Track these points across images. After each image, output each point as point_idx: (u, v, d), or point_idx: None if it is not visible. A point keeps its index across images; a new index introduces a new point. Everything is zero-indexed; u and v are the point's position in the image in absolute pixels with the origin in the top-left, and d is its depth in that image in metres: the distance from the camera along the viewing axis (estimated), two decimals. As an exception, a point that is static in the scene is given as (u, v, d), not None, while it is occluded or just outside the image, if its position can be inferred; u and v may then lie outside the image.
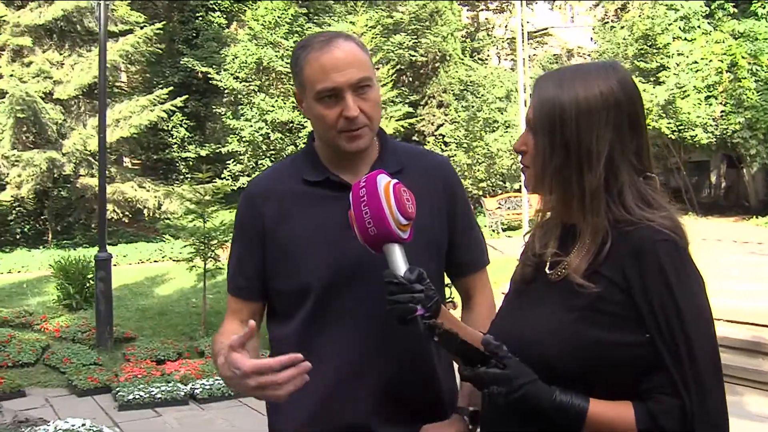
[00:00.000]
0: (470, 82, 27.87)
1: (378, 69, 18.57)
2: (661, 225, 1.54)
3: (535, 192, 1.71)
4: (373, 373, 1.93)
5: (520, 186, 15.53)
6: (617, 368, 1.51)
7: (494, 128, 25.10)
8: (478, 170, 24.86)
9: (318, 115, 1.92)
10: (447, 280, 2.19)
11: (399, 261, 1.70)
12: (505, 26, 35.91)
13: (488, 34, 35.08)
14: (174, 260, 17.57)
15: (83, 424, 5.21)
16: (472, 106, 25.74)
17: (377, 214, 1.67)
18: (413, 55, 28.38)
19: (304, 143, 2.55)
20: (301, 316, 1.98)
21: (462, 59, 29.80)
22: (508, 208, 22.97)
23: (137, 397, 7.54)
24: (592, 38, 30.44)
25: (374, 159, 2.04)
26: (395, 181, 1.74)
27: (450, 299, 4.67)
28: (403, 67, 28.83)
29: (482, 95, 26.21)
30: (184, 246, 11.89)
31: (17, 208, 23.97)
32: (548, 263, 1.66)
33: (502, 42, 35.58)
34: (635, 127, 1.61)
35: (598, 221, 1.58)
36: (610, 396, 1.52)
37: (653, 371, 1.49)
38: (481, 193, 24.72)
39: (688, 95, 21.04)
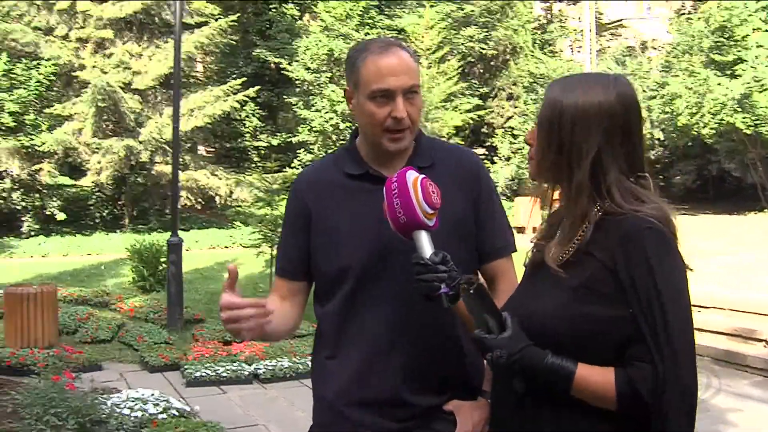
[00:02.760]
0: (540, 74, 27.75)
1: (446, 62, 18.71)
2: (648, 215, 1.75)
3: (534, 179, 1.96)
4: (404, 348, 2.16)
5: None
6: (604, 338, 1.75)
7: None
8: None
9: (368, 113, 2.15)
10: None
11: (425, 245, 1.94)
12: (579, 18, 35.51)
13: (561, 26, 34.79)
14: (243, 246, 18.06)
15: (152, 394, 5.59)
16: (542, 99, 25.64)
17: (406, 204, 1.92)
18: (483, 48, 28.40)
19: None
20: (341, 295, 2.23)
21: (533, 52, 29.68)
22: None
23: (204, 374, 7.88)
24: (667, 30, 29.90)
25: (410, 155, 2.26)
26: (423, 176, 1.98)
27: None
28: (473, 59, 28.87)
29: (552, 89, 26.09)
30: (252, 233, 12.30)
31: (96, 194, 24.83)
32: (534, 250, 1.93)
33: (576, 33, 35.21)
34: (627, 135, 1.83)
35: (579, 212, 1.82)
36: (597, 363, 1.74)
37: (634, 342, 1.71)
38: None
39: (767, 89, 20.57)
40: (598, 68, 28.33)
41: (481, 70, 30.96)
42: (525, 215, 17.21)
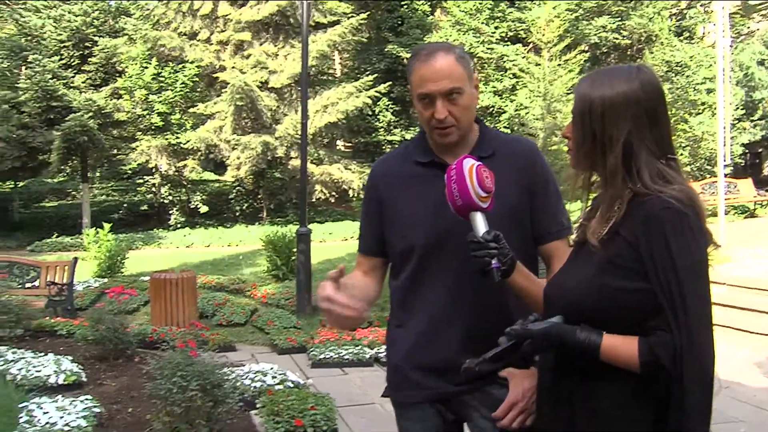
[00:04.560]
0: (677, 62, 26.92)
1: (569, 53, 18.54)
2: (670, 196, 1.93)
3: (575, 168, 2.16)
4: (461, 318, 2.41)
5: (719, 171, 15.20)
6: (627, 309, 1.94)
7: (700, 111, 24.19)
8: (682, 154, 24.07)
9: (419, 112, 2.45)
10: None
11: (480, 225, 2.19)
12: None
13: (705, 11, 33.47)
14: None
15: (272, 368, 6.09)
16: (678, 88, 24.88)
17: (462, 188, 2.17)
18: (617, 38, 27.86)
19: (504, 126, 2.86)
20: (407, 271, 2.51)
21: (669, 39, 28.81)
22: (712, 192, 22.12)
23: (328, 357, 8.31)
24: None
25: (473, 145, 2.50)
26: (478, 163, 2.22)
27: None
28: (606, 50, 28.36)
29: (688, 76, 25.28)
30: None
31: (237, 188, 25.96)
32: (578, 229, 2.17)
33: (724, 17, 33.64)
34: (654, 120, 2.02)
35: (615, 193, 2.01)
36: (623, 332, 1.94)
37: (655, 313, 1.89)
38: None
39: None
40: (743, 54, 27.16)
41: (615, 60, 30.31)
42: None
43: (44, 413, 4.89)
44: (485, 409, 2.40)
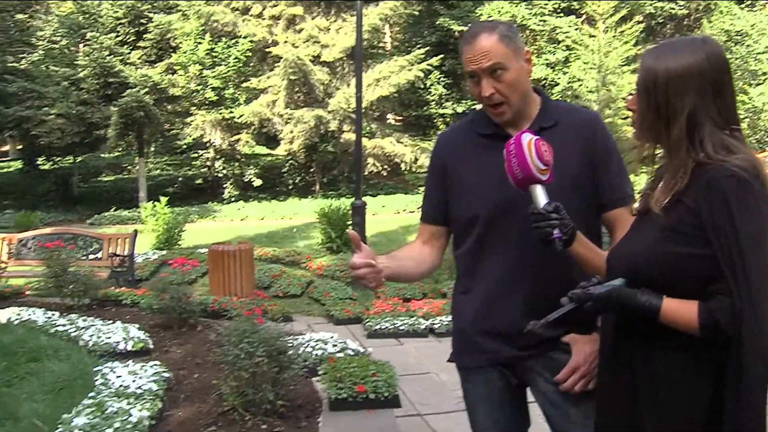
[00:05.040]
0: (737, 31, 26.33)
1: (624, 23, 18.20)
2: (732, 165, 1.95)
3: (639, 140, 2.20)
4: (524, 285, 2.46)
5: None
6: (688, 275, 1.98)
7: (761, 81, 23.66)
8: (741, 126, 23.53)
9: (471, 89, 2.53)
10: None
11: (540, 197, 2.24)
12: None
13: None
14: (427, 211, 18.62)
15: (332, 337, 6.22)
16: (737, 58, 24.34)
17: (522, 162, 2.23)
18: (673, 8, 27.33)
19: (558, 99, 2.87)
20: (471, 240, 2.56)
21: (729, 7, 28.14)
22: (772, 165, 21.69)
23: (383, 327, 8.40)
24: None
25: (534, 116, 2.54)
26: (536, 137, 2.27)
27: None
28: (662, 20, 27.84)
29: (749, 45, 24.72)
30: (431, 197, 12.74)
31: (290, 162, 26.17)
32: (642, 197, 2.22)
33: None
34: (718, 92, 2.04)
35: (679, 163, 2.05)
36: (683, 297, 1.97)
37: (716, 279, 1.93)
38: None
39: None
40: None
41: (671, 31, 29.78)
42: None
43: (117, 377, 5.09)
44: (548, 374, 2.45)
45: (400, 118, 32.85)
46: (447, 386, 6.40)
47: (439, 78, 28.88)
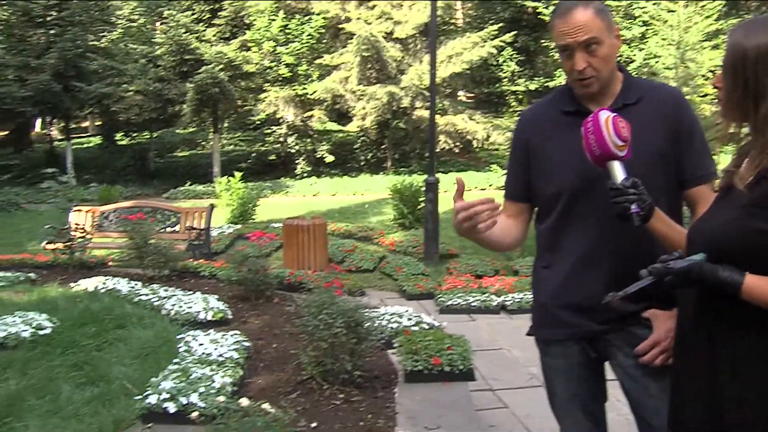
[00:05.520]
0: None
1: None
2: None
3: (724, 118, 2.18)
4: (605, 260, 2.50)
5: None
6: None
7: None
8: None
9: (562, 64, 2.53)
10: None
11: (618, 173, 2.27)
12: None
13: None
14: (499, 189, 18.57)
15: (407, 311, 6.30)
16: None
17: (599, 139, 2.26)
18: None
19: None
20: (554, 215, 2.60)
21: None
22: None
23: (455, 303, 8.46)
24: None
25: (617, 93, 2.55)
26: (614, 114, 2.30)
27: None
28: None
29: None
30: (504, 174, 12.70)
31: (362, 138, 26.32)
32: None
33: None
34: None
35: (766, 141, 2.02)
36: (765, 275, 1.95)
37: None
38: None
39: None
40: None
41: (756, 5, 28.84)
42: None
43: (200, 344, 5.26)
44: (628, 348, 2.48)
45: (472, 95, 32.66)
46: (519, 362, 6.44)
47: (512, 55, 28.57)
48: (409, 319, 6.01)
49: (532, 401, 5.41)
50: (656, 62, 19.69)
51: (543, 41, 28.17)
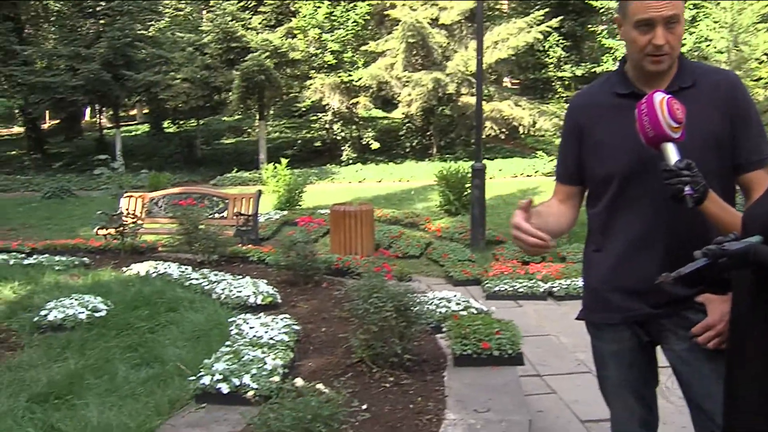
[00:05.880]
0: None
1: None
2: None
3: None
4: (658, 243, 2.48)
5: None
6: None
7: None
8: None
9: (632, 39, 2.46)
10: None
11: (672, 155, 2.27)
12: None
13: None
14: (545, 175, 18.49)
15: (455, 296, 6.32)
16: None
17: (653, 120, 2.26)
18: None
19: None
20: (606, 198, 2.59)
21: None
22: None
23: (502, 289, 8.46)
24: None
25: (672, 76, 2.53)
26: (669, 96, 2.29)
27: None
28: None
29: None
30: (552, 160, 12.64)
31: (407, 125, 26.31)
32: None
33: None
34: None
35: None
36: None
37: None
38: None
39: None
40: None
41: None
42: None
43: (250, 327, 5.33)
44: (682, 332, 2.47)
45: (517, 81, 32.47)
46: (567, 348, 6.43)
47: (558, 40, 28.33)
48: (458, 304, 6.02)
49: (579, 387, 5.41)
50: (707, 46, 19.36)
51: (590, 26, 27.87)
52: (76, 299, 6.27)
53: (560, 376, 5.72)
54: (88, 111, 37.73)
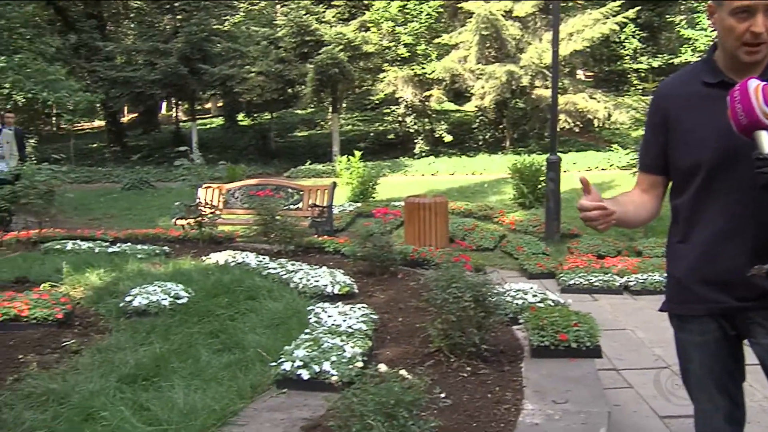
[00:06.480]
0: None
1: None
2: None
3: None
4: (746, 233, 2.44)
5: None
6: None
7: None
8: None
9: (728, 27, 2.42)
10: None
11: (765, 143, 2.21)
12: None
13: None
14: (621, 168, 18.20)
15: (531, 288, 6.30)
16: None
17: (747, 107, 2.21)
18: None
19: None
20: (692, 188, 2.56)
21: None
22: None
23: (577, 283, 8.40)
24: None
25: (764, 66, 2.48)
26: (764, 83, 2.24)
27: None
28: None
29: None
30: (628, 153, 12.46)
31: (480, 118, 26.20)
32: None
33: None
34: None
35: None
36: None
37: None
38: None
39: None
40: None
41: None
42: None
43: (329, 316, 5.41)
44: (771, 325, 2.40)
45: (591, 73, 31.98)
46: (644, 343, 6.36)
47: (635, 31, 27.81)
48: (534, 296, 6.01)
49: (657, 383, 5.35)
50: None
51: (668, 16, 27.29)
52: (158, 286, 6.44)
53: (637, 370, 5.67)
54: (164, 105, 38.57)
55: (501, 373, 4.60)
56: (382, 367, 3.44)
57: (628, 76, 29.54)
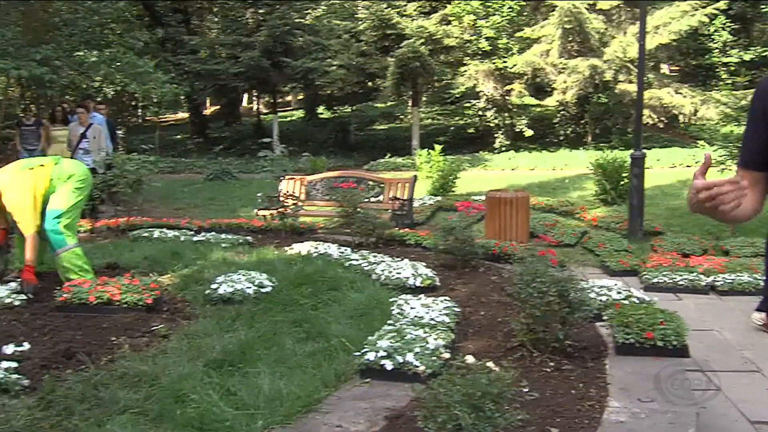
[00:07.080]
0: None
1: None
2: None
3: None
4: None
5: None
6: None
7: None
8: None
9: None
10: None
11: None
12: None
13: None
14: (707, 166, 17.75)
15: (615, 284, 6.23)
16: None
17: None
18: None
19: None
20: None
21: None
22: None
23: (661, 281, 8.21)
24: None
25: None
26: None
27: None
28: None
29: None
30: (716, 150, 12.16)
31: (561, 112, 25.90)
32: None
33: None
34: None
35: None
36: None
37: None
38: None
39: None
40: None
41: None
42: None
43: (411, 308, 5.47)
44: None
45: (676, 67, 31.23)
46: (732, 345, 6.21)
47: (725, 23, 27.01)
48: (619, 293, 5.95)
49: (747, 386, 5.21)
50: None
51: (763, 7, 26.39)
52: (243, 275, 6.59)
53: (726, 373, 5.53)
54: (245, 97, 39.20)
55: (585, 369, 4.58)
56: (470, 359, 3.45)
57: (716, 70, 28.72)
